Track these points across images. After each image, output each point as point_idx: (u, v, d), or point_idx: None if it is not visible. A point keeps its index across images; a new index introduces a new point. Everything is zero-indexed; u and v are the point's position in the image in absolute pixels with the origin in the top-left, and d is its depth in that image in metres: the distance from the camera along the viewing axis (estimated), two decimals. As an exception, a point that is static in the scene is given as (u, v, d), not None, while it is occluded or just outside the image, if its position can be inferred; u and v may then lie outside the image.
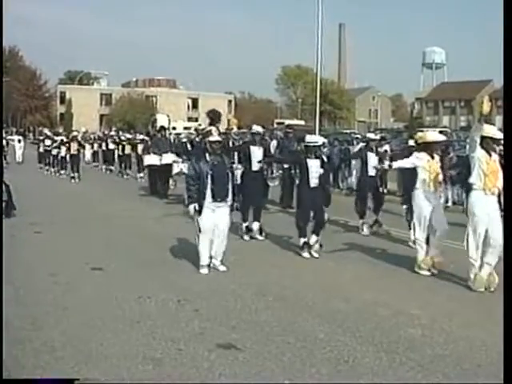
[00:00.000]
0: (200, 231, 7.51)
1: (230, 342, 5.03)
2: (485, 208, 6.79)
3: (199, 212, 7.46)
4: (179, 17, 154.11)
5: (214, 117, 12.92)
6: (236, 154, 10.50)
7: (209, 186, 7.44)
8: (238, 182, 9.60)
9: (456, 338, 5.24)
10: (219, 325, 5.49)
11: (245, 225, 9.95)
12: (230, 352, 4.82)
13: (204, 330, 5.33)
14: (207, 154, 7.65)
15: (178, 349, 4.87)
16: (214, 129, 11.57)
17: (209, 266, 7.58)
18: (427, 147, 7.89)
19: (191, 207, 7.50)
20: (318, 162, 8.72)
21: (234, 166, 9.48)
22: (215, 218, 7.50)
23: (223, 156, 7.89)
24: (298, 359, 4.68)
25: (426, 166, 7.70)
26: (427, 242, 7.70)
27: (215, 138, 8.02)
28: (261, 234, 9.97)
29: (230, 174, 7.71)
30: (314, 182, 8.68)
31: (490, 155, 6.84)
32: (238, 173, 9.82)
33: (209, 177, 7.44)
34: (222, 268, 7.62)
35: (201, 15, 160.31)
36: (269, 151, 11.16)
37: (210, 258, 7.62)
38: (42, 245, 9.37)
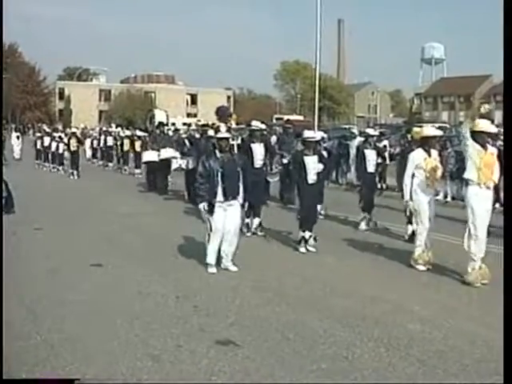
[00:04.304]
0: (211, 230, 7.26)
1: (229, 338, 5.02)
2: (482, 202, 6.78)
3: (210, 211, 7.24)
4: (178, 12, 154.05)
5: (221, 113, 12.83)
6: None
7: (220, 185, 7.22)
8: None
9: (456, 333, 5.23)
10: (218, 321, 5.48)
11: (246, 221, 9.93)
12: (229, 348, 4.80)
13: (203, 327, 5.32)
14: (217, 152, 7.39)
15: (177, 345, 4.86)
16: (222, 125, 11.49)
17: (217, 265, 7.41)
18: (424, 143, 7.87)
19: (201, 206, 7.26)
20: (315, 158, 8.65)
21: None
22: (226, 217, 7.26)
23: (233, 153, 7.71)
24: (297, 355, 4.67)
25: (422, 162, 7.68)
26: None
27: (223, 134, 7.60)
28: (261, 230, 9.95)
29: (240, 172, 7.40)
30: (311, 178, 8.61)
31: (486, 149, 6.81)
32: None
33: (219, 175, 7.21)
34: (233, 268, 7.39)
35: (199, 11, 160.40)
36: (270, 146, 11.15)
37: (219, 257, 7.42)
38: (41, 241, 9.34)
